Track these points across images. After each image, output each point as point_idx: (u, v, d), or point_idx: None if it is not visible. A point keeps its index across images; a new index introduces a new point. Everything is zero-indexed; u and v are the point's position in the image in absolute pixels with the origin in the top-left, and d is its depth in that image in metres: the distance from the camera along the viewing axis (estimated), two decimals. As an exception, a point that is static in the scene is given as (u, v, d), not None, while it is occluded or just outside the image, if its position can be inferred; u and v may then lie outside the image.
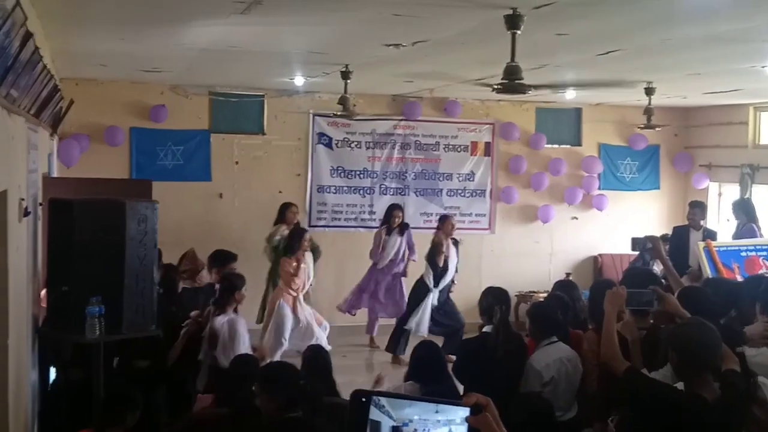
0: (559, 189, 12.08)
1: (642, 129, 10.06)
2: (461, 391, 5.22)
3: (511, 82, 5.36)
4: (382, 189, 11.49)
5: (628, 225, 11.81)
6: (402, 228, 10.26)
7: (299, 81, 9.72)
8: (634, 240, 8.07)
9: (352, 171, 11.40)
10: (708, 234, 9.26)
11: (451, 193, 11.78)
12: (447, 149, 11.71)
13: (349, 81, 8.27)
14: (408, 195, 11.52)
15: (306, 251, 9.17)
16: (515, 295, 10.62)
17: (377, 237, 10.33)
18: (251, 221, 10.67)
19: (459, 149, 11.75)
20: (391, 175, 11.53)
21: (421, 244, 10.25)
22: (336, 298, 10.61)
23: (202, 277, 7.69)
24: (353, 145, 11.37)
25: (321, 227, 11.13)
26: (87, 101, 9.75)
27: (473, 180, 11.83)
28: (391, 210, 10.35)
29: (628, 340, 4.51)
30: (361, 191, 11.45)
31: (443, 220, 10.18)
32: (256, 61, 8.06)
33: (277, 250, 9.56)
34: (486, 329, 5.48)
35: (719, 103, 11.32)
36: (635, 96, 9.46)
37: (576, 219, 12.31)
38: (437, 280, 9.90)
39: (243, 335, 6.22)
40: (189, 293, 7.16)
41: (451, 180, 11.76)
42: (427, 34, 6.06)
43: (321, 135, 11.23)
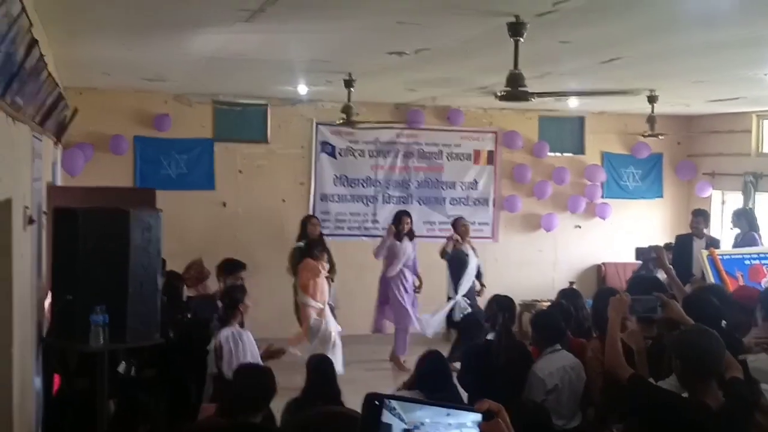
0: (563, 197, 12.07)
1: (645, 137, 10.07)
2: (465, 399, 5.21)
3: (515, 89, 5.37)
4: (385, 198, 11.49)
5: (631, 233, 11.81)
6: (411, 234, 10.05)
7: (302, 89, 9.74)
8: (638, 250, 8.06)
9: (355, 179, 11.41)
10: (711, 242, 9.22)
11: (455, 202, 11.77)
12: (450, 158, 11.71)
13: (353, 89, 8.28)
14: (411, 204, 11.48)
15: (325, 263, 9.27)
16: (519, 304, 10.56)
17: (385, 239, 10.00)
18: (255, 230, 10.68)
19: (462, 158, 11.75)
20: (395, 184, 11.53)
21: (424, 252, 10.23)
22: (339, 306, 10.57)
23: (207, 286, 7.70)
24: (356, 154, 11.39)
25: (324, 236, 11.10)
26: (91, 110, 9.76)
27: (476, 188, 11.84)
28: (400, 216, 10.03)
29: (633, 349, 4.50)
30: (365, 200, 11.45)
31: (454, 222, 10.19)
32: (259, 70, 8.08)
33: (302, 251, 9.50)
34: (490, 336, 5.47)
35: (722, 111, 11.33)
36: (638, 104, 9.46)
37: (579, 227, 12.30)
38: (456, 286, 9.74)
39: (248, 347, 6.25)
40: (199, 303, 7.16)
41: (455, 188, 11.76)
42: (430, 42, 6.08)
43: (324, 143, 11.24)
